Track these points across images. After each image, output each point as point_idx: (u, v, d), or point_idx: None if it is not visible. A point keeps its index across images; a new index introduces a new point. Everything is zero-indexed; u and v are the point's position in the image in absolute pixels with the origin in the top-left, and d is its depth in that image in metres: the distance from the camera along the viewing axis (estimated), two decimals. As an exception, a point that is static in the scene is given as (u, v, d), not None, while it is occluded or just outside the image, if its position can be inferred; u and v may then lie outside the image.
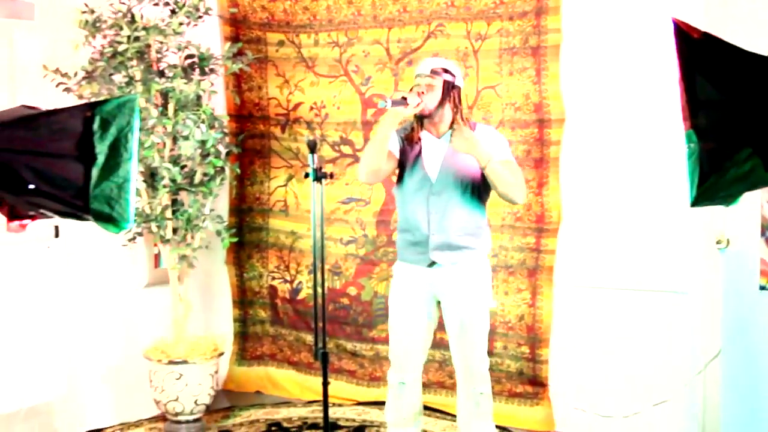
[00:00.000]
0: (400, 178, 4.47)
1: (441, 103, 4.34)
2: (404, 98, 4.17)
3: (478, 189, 4.40)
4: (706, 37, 3.01)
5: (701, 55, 2.97)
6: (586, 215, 5.41)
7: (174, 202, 5.42)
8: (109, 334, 5.67)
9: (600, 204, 5.38)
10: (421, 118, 4.39)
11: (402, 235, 4.51)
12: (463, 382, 4.50)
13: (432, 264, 4.39)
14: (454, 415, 5.53)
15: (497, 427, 5.43)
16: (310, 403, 6.03)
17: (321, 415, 4.48)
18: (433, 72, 4.32)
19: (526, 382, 5.56)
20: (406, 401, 4.57)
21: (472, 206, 4.40)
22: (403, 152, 4.42)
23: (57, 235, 5.31)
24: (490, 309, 4.54)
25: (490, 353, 5.55)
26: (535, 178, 5.44)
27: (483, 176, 4.31)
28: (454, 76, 4.37)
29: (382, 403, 4.82)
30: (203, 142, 5.28)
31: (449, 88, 4.35)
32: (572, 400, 5.45)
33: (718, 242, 5.10)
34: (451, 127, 4.38)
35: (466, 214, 4.39)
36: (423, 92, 4.29)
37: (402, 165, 4.43)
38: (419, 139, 4.42)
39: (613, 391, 5.37)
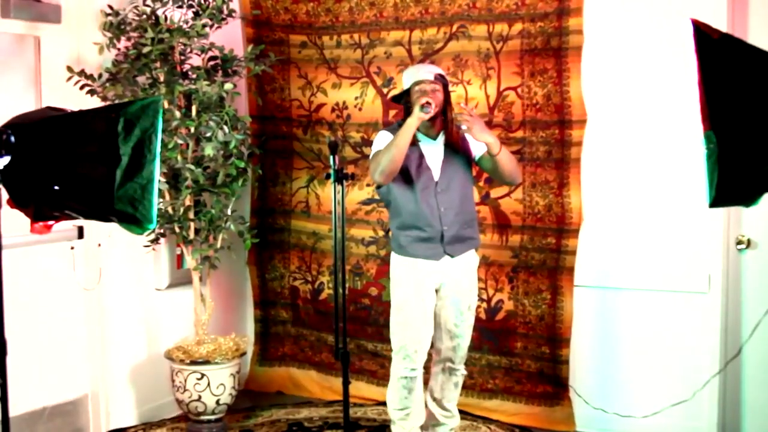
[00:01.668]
0: (404, 180, 4.64)
1: (444, 107, 4.61)
2: (429, 103, 4.42)
3: (470, 184, 4.82)
4: (725, 38, 3.03)
5: (720, 56, 2.98)
6: (607, 216, 5.41)
7: (197, 203, 5.44)
8: (132, 334, 5.69)
9: (621, 205, 5.38)
10: None
11: (410, 232, 4.69)
12: (450, 363, 4.84)
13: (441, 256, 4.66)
14: (474, 415, 5.57)
15: (517, 427, 5.47)
16: (331, 403, 6.03)
17: (342, 415, 4.50)
18: (436, 78, 4.58)
19: (546, 382, 5.54)
20: (417, 390, 4.78)
21: (469, 200, 4.80)
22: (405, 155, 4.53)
23: (81, 236, 5.32)
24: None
25: (511, 353, 5.61)
26: (556, 179, 5.45)
27: (471, 173, 4.78)
28: (447, 80, 4.72)
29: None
30: (226, 144, 5.28)
31: (448, 92, 4.68)
32: (592, 400, 5.45)
33: (739, 243, 5.10)
34: (442, 128, 4.67)
35: (467, 207, 4.76)
36: (432, 97, 4.50)
37: (403, 166, 4.54)
38: (417, 140, 4.62)
39: (633, 390, 5.38)
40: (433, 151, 4.67)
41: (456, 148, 4.68)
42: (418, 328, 4.68)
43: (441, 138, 4.69)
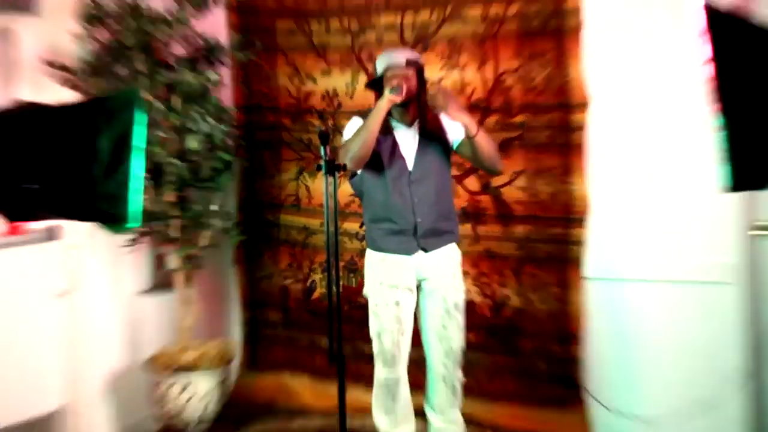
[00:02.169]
0: (376, 168, 4.59)
1: (418, 92, 4.56)
2: (399, 86, 4.42)
3: (448, 175, 4.71)
4: (737, 17, 3.05)
5: (732, 36, 3.01)
6: (616, 203, 5.31)
7: (180, 199, 5.40)
8: (110, 342, 5.64)
9: (630, 191, 5.28)
10: (390, 109, 4.53)
11: (381, 225, 4.63)
12: (442, 368, 4.63)
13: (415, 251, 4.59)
14: (480, 422, 5.48)
15: (528, 432, 5.30)
16: (327, 411, 5.84)
17: (338, 424, 4.37)
18: (408, 63, 4.55)
19: (558, 383, 5.41)
20: (403, 396, 4.65)
21: (446, 191, 4.68)
22: (377, 142, 4.50)
23: (56, 237, 5.22)
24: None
25: (519, 352, 5.56)
26: (560, 165, 5.35)
27: (448, 163, 4.66)
28: (422, 65, 4.63)
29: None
30: (210, 136, 5.29)
31: (423, 77, 4.62)
32: (609, 402, 5.29)
33: (759, 228, 4.94)
34: (417, 114, 4.61)
35: (444, 199, 4.65)
36: (404, 81, 4.49)
37: (375, 154, 4.52)
38: (392, 128, 4.61)
39: (652, 391, 5.23)
40: (408, 139, 4.60)
41: (432, 136, 4.61)
42: (392, 331, 4.55)
43: (416, 125, 4.63)
